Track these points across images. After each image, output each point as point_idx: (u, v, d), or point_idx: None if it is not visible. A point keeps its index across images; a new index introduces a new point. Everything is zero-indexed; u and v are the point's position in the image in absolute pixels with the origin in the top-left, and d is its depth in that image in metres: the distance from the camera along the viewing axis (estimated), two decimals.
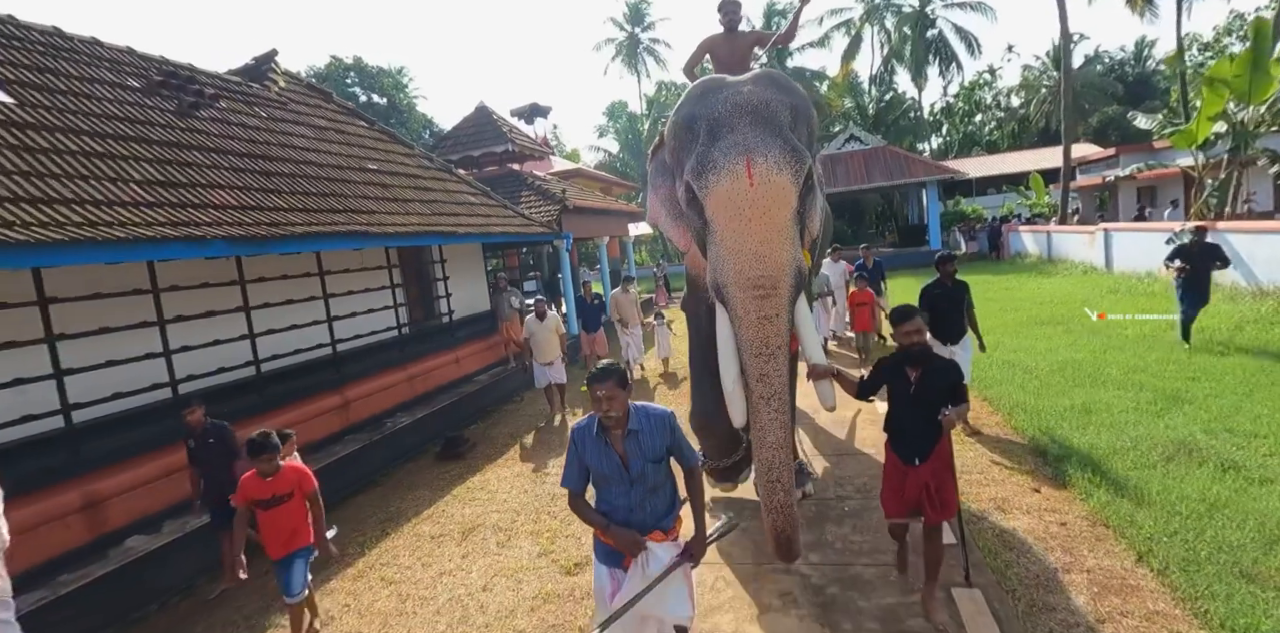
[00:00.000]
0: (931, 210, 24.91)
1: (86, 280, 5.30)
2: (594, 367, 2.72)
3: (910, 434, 3.54)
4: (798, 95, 4.13)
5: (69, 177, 5.02)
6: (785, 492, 3.37)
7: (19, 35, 6.48)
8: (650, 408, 2.80)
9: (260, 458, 3.71)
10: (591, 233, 15.98)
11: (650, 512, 2.77)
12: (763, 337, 3.57)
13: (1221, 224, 11.58)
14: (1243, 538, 3.74)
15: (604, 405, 2.66)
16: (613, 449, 2.73)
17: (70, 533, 4.69)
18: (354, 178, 8.79)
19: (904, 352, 3.52)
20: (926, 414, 3.40)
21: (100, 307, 5.38)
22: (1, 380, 4.72)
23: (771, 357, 3.57)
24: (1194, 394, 6.28)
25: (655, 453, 2.74)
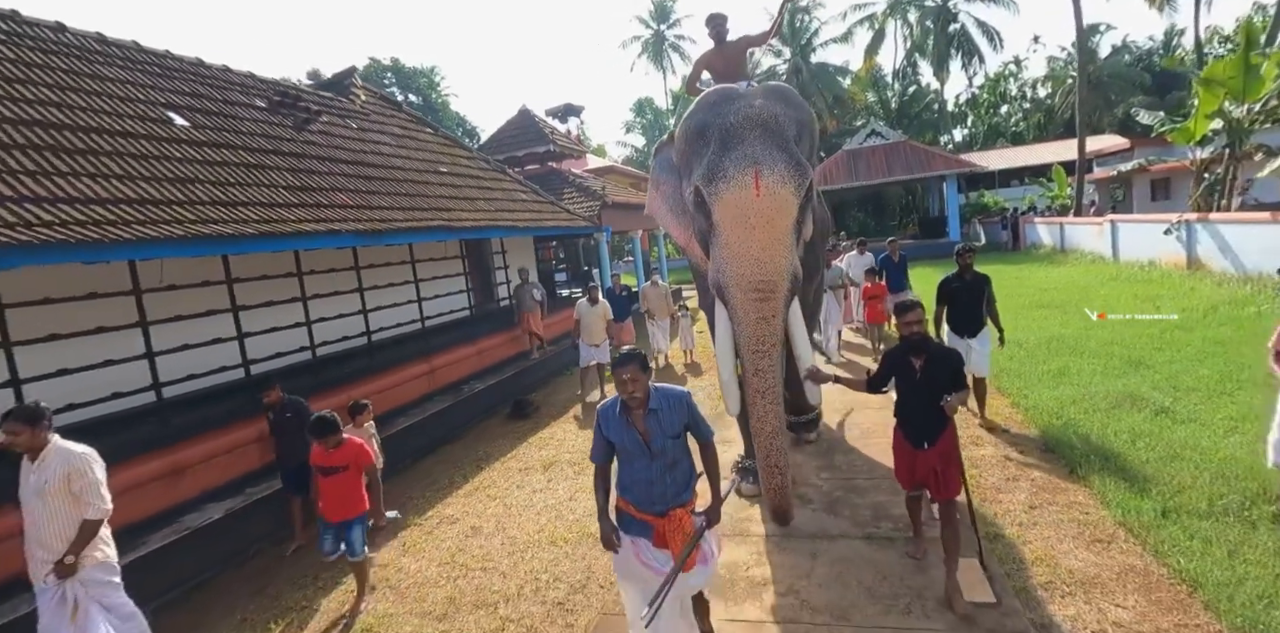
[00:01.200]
0: (951, 203, 25.80)
1: (200, 269, 6.73)
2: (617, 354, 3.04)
3: (919, 420, 3.73)
4: (804, 110, 4.47)
5: (230, 184, 6.40)
6: (782, 475, 3.82)
7: (173, 66, 7.91)
8: (669, 389, 3.00)
9: (321, 438, 4.19)
10: (627, 226, 17.26)
11: (670, 484, 2.94)
12: (759, 335, 3.90)
13: (1214, 215, 12.53)
14: (1151, 456, 4.93)
15: (628, 387, 2.86)
16: (634, 428, 2.92)
17: (167, 492, 5.40)
18: (431, 179, 10.17)
19: (906, 342, 3.74)
20: (932, 401, 3.58)
21: (250, 288, 6.82)
22: (94, 363, 5.41)
23: (767, 354, 3.90)
24: (1154, 361, 7.40)
25: (674, 430, 2.93)
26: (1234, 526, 3.87)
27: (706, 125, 4.31)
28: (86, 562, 3.33)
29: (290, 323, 7.05)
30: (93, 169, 5.17)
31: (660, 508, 2.93)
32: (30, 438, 3.30)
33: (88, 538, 3.32)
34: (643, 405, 2.89)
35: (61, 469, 3.29)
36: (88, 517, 3.33)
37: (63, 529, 3.29)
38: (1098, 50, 47.62)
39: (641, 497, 2.95)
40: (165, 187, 5.57)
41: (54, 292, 5.16)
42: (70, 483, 3.30)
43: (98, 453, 3.47)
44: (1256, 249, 11.02)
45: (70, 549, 3.27)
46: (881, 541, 4.33)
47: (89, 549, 3.34)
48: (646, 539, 2.95)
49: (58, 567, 3.25)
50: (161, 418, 5.71)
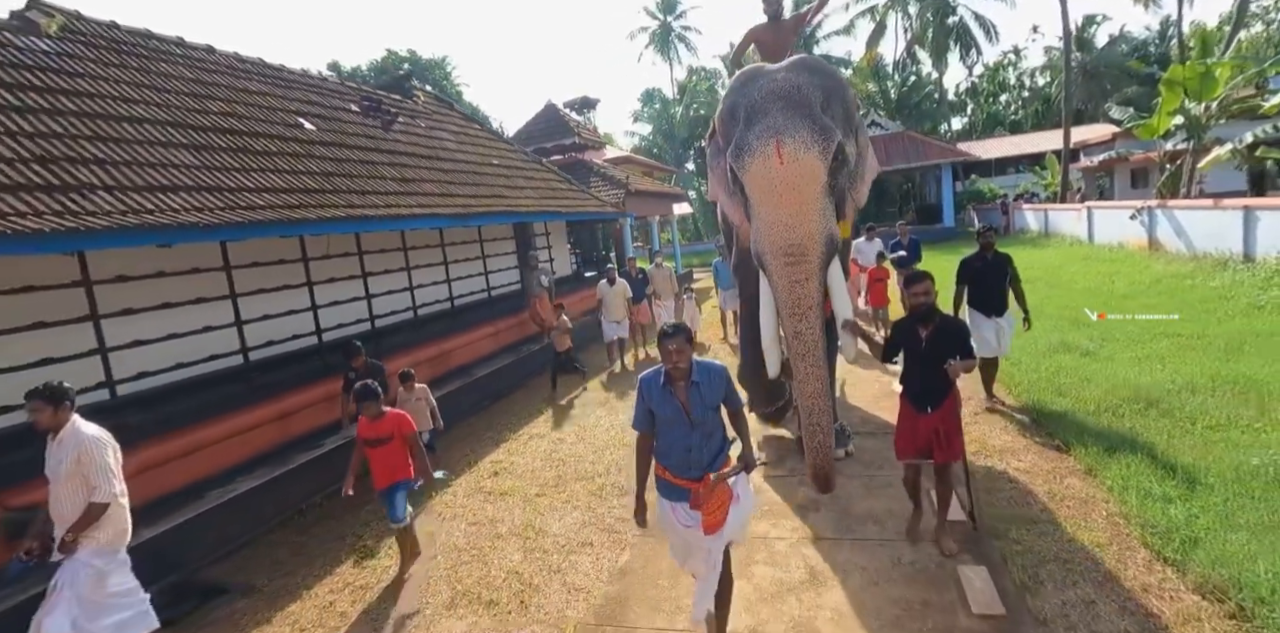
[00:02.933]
0: (946, 190, 27.37)
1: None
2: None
3: (923, 386, 3.92)
4: (831, 77, 4.54)
5: (354, 177, 8.05)
6: (825, 433, 3.86)
7: (290, 77, 9.52)
8: (710, 364, 3.12)
9: (364, 404, 4.41)
10: (647, 212, 18.91)
11: (706, 451, 3.06)
12: (794, 298, 4.01)
13: (1171, 202, 14.16)
14: (1068, 381, 6.61)
15: (673, 359, 2.98)
16: (676, 398, 3.04)
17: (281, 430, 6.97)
18: (486, 171, 11.82)
19: (914, 313, 3.93)
20: (937, 368, 3.77)
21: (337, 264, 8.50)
22: (194, 329, 6.30)
23: (804, 317, 3.98)
24: (1095, 322, 9.09)
25: (713, 402, 3.07)
26: (1107, 416, 5.59)
27: (736, 105, 4.51)
28: (87, 543, 3.35)
29: (396, 287, 8.76)
30: (253, 165, 6.77)
31: (697, 473, 3.06)
32: (51, 417, 3.37)
33: (90, 520, 3.33)
34: (685, 377, 3.02)
35: (74, 451, 3.35)
36: (93, 499, 3.34)
37: (75, 508, 3.35)
38: (1094, 40, 48.86)
39: (679, 463, 3.09)
40: (315, 179, 7.24)
41: (168, 267, 6.79)
42: (80, 465, 3.34)
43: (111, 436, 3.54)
44: (1202, 232, 12.67)
45: (71, 528, 3.31)
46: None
47: (91, 531, 3.35)
48: (684, 503, 3.09)
49: (60, 543, 3.33)
50: (250, 378, 6.79)
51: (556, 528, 5.07)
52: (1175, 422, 5.28)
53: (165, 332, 5.89)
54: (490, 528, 5.20)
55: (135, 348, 5.64)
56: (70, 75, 6.02)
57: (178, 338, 6.02)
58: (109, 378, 5.39)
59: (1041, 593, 3.46)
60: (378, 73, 42.57)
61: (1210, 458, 4.53)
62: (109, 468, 3.39)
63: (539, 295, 10.85)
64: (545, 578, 4.34)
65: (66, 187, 4.78)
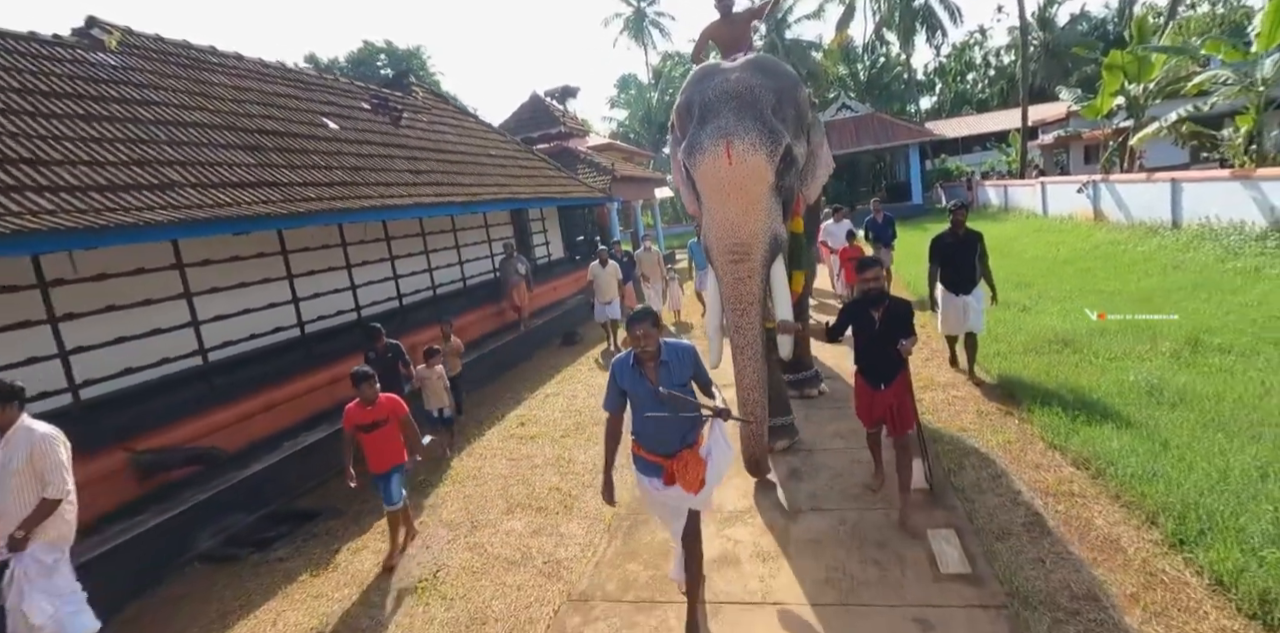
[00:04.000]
0: (913, 169, 28.63)
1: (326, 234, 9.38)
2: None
3: (877, 365, 4.13)
4: (784, 78, 4.62)
5: (376, 170, 8.98)
6: (758, 422, 4.19)
7: (310, 80, 10.36)
8: (678, 343, 3.22)
9: (360, 386, 4.49)
10: (631, 196, 19.89)
11: (677, 429, 3.17)
12: (737, 294, 4.22)
13: (1112, 177, 15.47)
14: (1003, 330, 7.79)
15: (642, 342, 3.07)
16: (646, 379, 3.12)
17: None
18: (485, 160, 12.75)
19: (865, 296, 4.12)
20: (889, 348, 3.97)
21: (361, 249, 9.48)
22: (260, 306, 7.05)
23: (745, 312, 4.20)
24: (1036, 282, 10.32)
25: (682, 380, 3.17)
26: (1030, 355, 6.79)
27: (690, 102, 4.64)
28: (38, 538, 3.37)
29: (418, 269, 9.74)
30: (297, 163, 7.70)
31: (668, 450, 3.18)
32: (1, 415, 3.37)
33: (42, 516, 3.36)
34: (655, 358, 3.12)
35: (25, 449, 3.36)
36: (47, 496, 3.37)
37: (24, 506, 3.35)
38: (1055, 20, 50.15)
39: (652, 441, 3.20)
40: (347, 173, 8.18)
41: (242, 251, 7.77)
42: (34, 463, 3.36)
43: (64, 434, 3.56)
44: (1137, 203, 14.00)
45: (22, 525, 3.32)
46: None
47: (41, 528, 3.37)
48: (657, 478, 3.20)
49: (9, 540, 3.32)
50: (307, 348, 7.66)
51: (583, 458, 6.17)
52: (1083, 356, 6.50)
53: (239, 307, 6.86)
54: (527, 462, 6.29)
55: (219, 321, 6.61)
56: (138, 87, 6.90)
57: (250, 313, 6.99)
58: (200, 346, 6.36)
59: (962, 474, 4.62)
60: (355, 64, 42.81)
61: (1102, 379, 5.73)
62: (63, 464, 3.43)
63: (516, 284, 10.92)
64: (581, 491, 5.43)
65: (163, 185, 5.71)
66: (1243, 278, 8.53)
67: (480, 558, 4.53)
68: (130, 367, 5.70)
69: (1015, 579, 3.38)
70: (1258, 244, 9.73)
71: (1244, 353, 5.84)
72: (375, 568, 4.61)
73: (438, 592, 4.17)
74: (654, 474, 3.22)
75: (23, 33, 6.50)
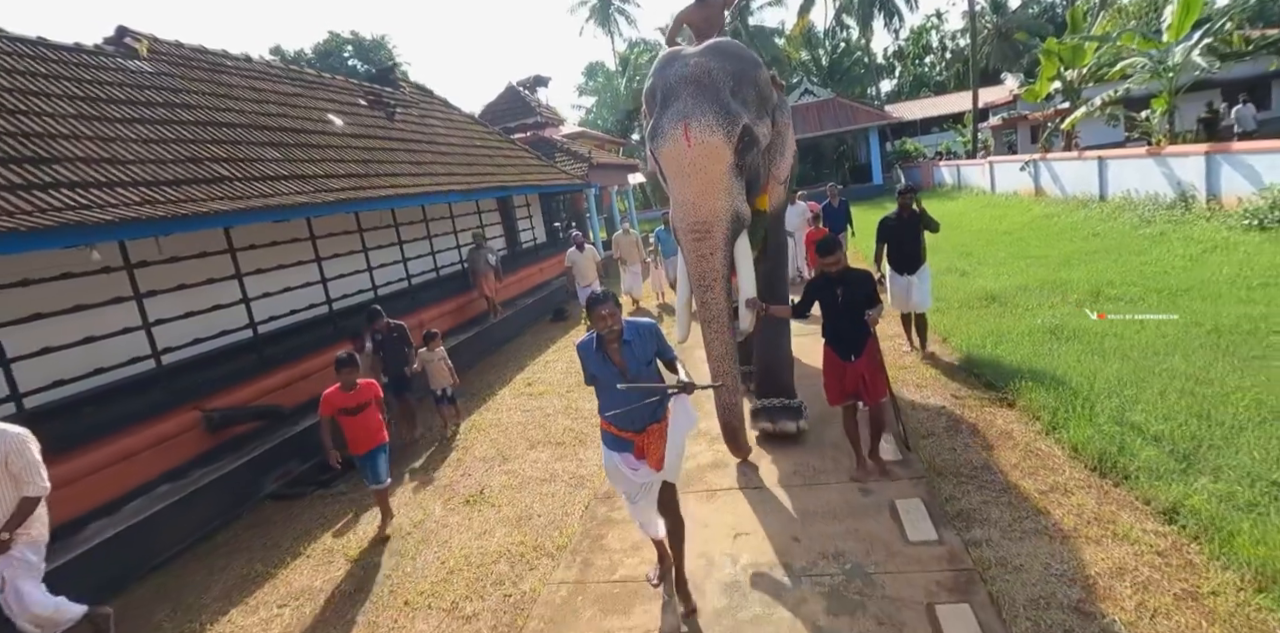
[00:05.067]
0: (873, 151, 29.95)
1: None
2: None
3: (846, 337, 4.30)
4: (743, 61, 4.69)
5: (383, 162, 9.82)
6: (730, 393, 4.36)
7: (310, 79, 11.10)
8: (638, 322, 3.28)
9: (341, 372, 4.72)
10: (606, 182, 20.82)
11: (645, 406, 3.22)
12: (700, 271, 4.38)
13: (1050, 155, 16.84)
14: (944, 294, 8.99)
15: (606, 322, 3.14)
16: (611, 360, 3.21)
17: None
18: (473, 151, 13.60)
19: (826, 276, 4.31)
20: (855, 319, 4.15)
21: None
22: (297, 284, 9.67)
23: (709, 288, 4.34)
24: (977, 252, 11.56)
25: (646, 357, 3.25)
26: (963, 309, 7.98)
27: (654, 88, 4.76)
28: (20, 539, 3.40)
29: (424, 252, 10.64)
30: (316, 157, 8.56)
31: (638, 426, 3.26)
32: None
33: (23, 516, 3.39)
34: (618, 339, 3.18)
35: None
36: (26, 494, 3.39)
37: (3, 511, 3.36)
38: (1007, 3, 51.78)
39: (622, 419, 3.25)
40: (359, 166, 9.04)
41: (279, 236, 8.63)
42: (9, 464, 3.36)
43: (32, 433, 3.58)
44: (1070, 180, 15.38)
45: (4, 526, 3.33)
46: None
47: (24, 528, 3.41)
48: (628, 453, 3.31)
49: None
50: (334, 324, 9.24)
51: (590, 407, 7.16)
52: (1006, 308, 7.71)
53: (281, 286, 7.78)
54: (540, 412, 7.31)
55: (265, 299, 7.51)
56: (174, 91, 7.68)
57: (289, 291, 7.91)
58: (251, 320, 7.24)
59: (901, 398, 5.76)
60: (322, 56, 42.69)
61: (1017, 324, 6.94)
62: (38, 462, 3.45)
63: (485, 273, 10.90)
64: (592, 430, 6.43)
65: (216, 179, 6.56)
66: (1149, 242, 9.85)
67: (515, 479, 5.57)
68: (198, 337, 6.59)
69: (934, 461, 4.52)
70: (1167, 213, 11.08)
71: (1132, 300, 7.08)
72: (426, 491, 5.63)
73: (487, 502, 5.20)
74: (624, 449, 3.32)
75: (71, 44, 7.25)
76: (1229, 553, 3.04)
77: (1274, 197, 9.00)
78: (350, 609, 4.00)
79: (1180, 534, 3.32)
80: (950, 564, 3.39)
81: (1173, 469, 3.70)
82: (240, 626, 4.03)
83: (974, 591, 3.15)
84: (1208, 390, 4.56)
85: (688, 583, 3.47)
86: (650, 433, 3.28)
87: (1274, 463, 3.59)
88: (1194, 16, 11.82)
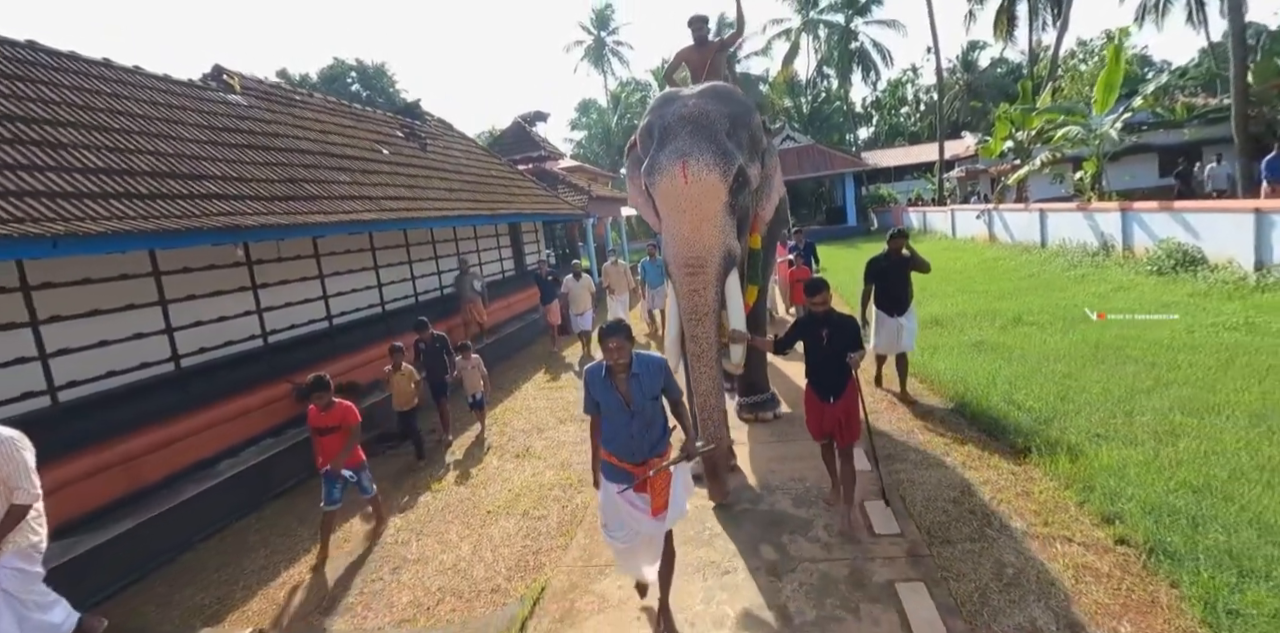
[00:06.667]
0: (849, 195, 32.24)
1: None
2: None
3: (826, 378, 4.34)
4: (739, 105, 4.90)
5: (426, 188, 11.37)
6: (716, 425, 4.51)
7: (357, 112, 12.67)
8: (649, 356, 3.38)
9: (313, 395, 4.88)
10: (603, 214, 22.54)
11: (647, 439, 3.33)
12: (692, 305, 4.47)
13: (1001, 206, 18.95)
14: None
15: (614, 355, 3.22)
16: (617, 390, 3.28)
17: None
18: (489, 180, 15.20)
19: (812, 316, 4.35)
20: (837, 361, 4.22)
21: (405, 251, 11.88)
22: (341, 291, 11.16)
23: (700, 322, 4.43)
24: (930, 287, 13.31)
25: (652, 392, 3.31)
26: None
27: (652, 125, 4.93)
28: (8, 547, 3.28)
29: (452, 268, 12.15)
30: (373, 181, 10.09)
31: (639, 458, 3.30)
32: None
33: (13, 523, 3.28)
34: (626, 370, 3.24)
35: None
36: (15, 501, 3.28)
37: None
38: (977, 63, 55.49)
39: (623, 449, 3.30)
40: (408, 189, 10.58)
41: (336, 247, 10.11)
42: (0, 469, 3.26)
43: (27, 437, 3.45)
44: (1018, 228, 17.44)
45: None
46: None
47: (13, 535, 3.29)
48: (629, 487, 3.32)
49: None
50: (386, 323, 10.72)
51: None
52: (945, 329, 9.38)
53: (349, 287, 9.24)
54: (562, 400, 8.76)
55: (340, 296, 8.95)
56: (265, 122, 9.20)
57: (356, 292, 9.34)
58: (328, 312, 8.65)
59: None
60: (327, 81, 44.42)
61: (951, 340, 8.60)
62: (30, 468, 3.32)
63: (473, 300, 11.04)
64: None
65: (312, 197, 8.05)
66: (1072, 282, 11.70)
67: (553, 442, 7.02)
68: (294, 323, 8.01)
69: (879, 434, 6.08)
70: (1091, 259, 13.02)
71: (1043, 325, 8.80)
72: (479, 452, 7.03)
73: (533, 456, 6.65)
74: (624, 481, 3.35)
75: (189, 81, 8.78)
76: (1053, 471, 4.67)
77: (1168, 249, 10.93)
78: (446, 515, 5.42)
79: (1027, 464, 4.93)
80: (875, 484, 4.88)
81: (1033, 428, 5.32)
82: (362, 530, 5.41)
83: (893, 498, 4.67)
84: (1073, 383, 6.22)
85: (672, 614, 3.54)
86: (649, 466, 3.32)
87: (1101, 424, 5.22)
88: (1114, 95, 13.99)
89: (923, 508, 4.47)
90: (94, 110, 6.44)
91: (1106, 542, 3.79)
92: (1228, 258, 9.89)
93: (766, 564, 4.04)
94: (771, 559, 4.08)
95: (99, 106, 6.57)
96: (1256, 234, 9.22)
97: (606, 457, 3.43)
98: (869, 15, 43.51)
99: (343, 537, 5.31)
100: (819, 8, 44.41)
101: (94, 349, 5.54)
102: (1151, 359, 6.67)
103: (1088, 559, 3.64)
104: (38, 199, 4.74)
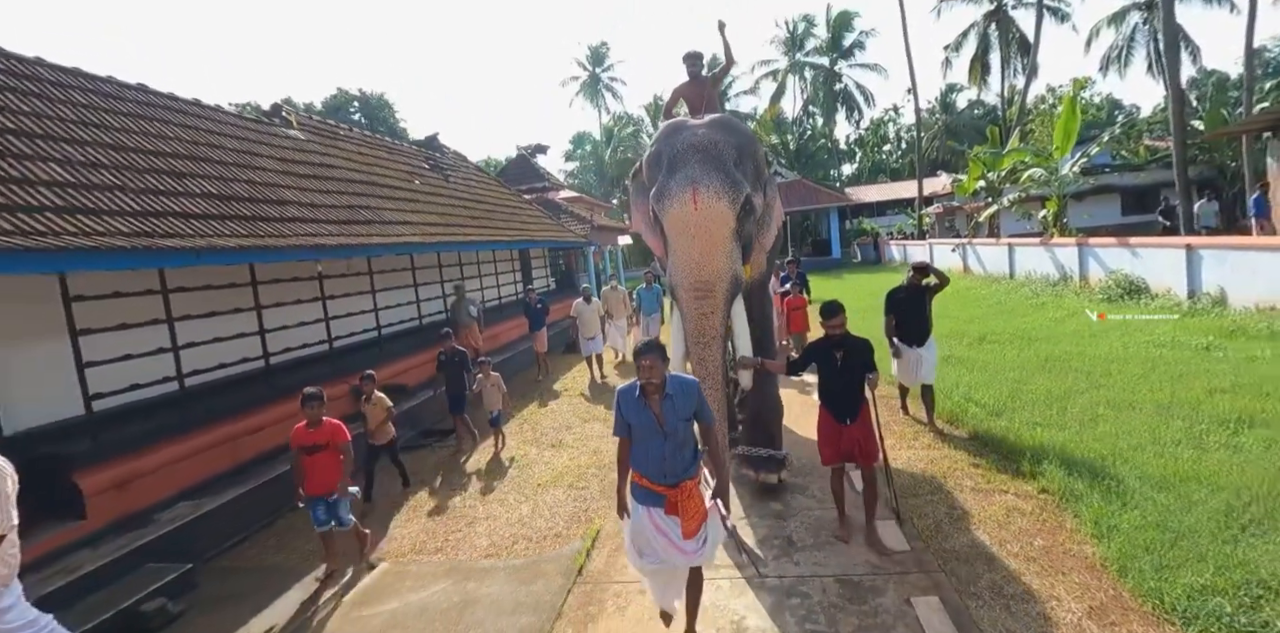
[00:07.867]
0: (833, 229, 33.87)
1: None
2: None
3: (842, 400, 4.41)
4: (744, 136, 5.10)
5: (454, 215, 12.56)
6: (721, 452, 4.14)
7: (392, 145, 13.89)
8: (683, 377, 3.42)
9: (305, 407, 4.76)
10: (603, 242, 23.83)
11: (679, 461, 3.32)
12: (700, 329, 4.56)
13: (974, 241, 20.45)
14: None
15: (647, 374, 3.24)
16: (650, 410, 3.28)
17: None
18: (502, 209, 16.44)
19: (829, 338, 4.42)
20: (852, 383, 4.29)
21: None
22: (391, 304, 12.29)
23: (707, 346, 4.53)
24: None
25: (686, 414, 3.32)
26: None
27: (660, 153, 5.04)
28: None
29: (482, 285, 13.27)
30: (410, 208, 11.27)
31: (671, 480, 3.32)
32: None
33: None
34: (659, 391, 3.28)
35: None
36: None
37: None
38: (955, 104, 58.15)
39: (654, 471, 3.34)
40: (440, 216, 11.77)
41: (398, 265, 11.24)
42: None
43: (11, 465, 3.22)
44: (989, 261, 18.91)
45: None
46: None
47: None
48: (659, 508, 3.34)
49: None
50: (424, 335, 11.76)
51: None
52: None
53: (394, 302, 10.32)
54: (583, 405, 9.83)
55: (388, 309, 10.03)
56: (320, 154, 10.39)
57: (400, 306, 10.42)
58: (377, 323, 9.72)
59: None
60: (331, 110, 45.89)
61: None
62: (8, 496, 3.12)
63: (468, 325, 10.84)
64: None
65: (367, 221, 9.20)
66: (1032, 308, 13.04)
67: (581, 437, 8.08)
68: (353, 331, 9.10)
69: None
70: (1052, 289, 14.41)
71: (1003, 342, 10.05)
72: (515, 445, 8.06)
73: (567, 446, 7.71)
74: (655, 504, 3.35)
75: (256, 118, 9.96)
76: (1002, 452, 5.84)
77: (1117, 279, 12.32)
78: (504, 488, 6.47)
79: (982, 448, 6.10)
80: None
81: (986, 418, 6.50)
82: (419, 502, 6.43)
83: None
84: (1023, 386, 7.44)
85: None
86: (683, 489, 3.32)
87: (1039, 415, 6.42)
88: (1073, 141, 15.58)
89: (898, 476, 5.59)
90: (198, 145, 7.61)
91: (1031, 492, 4.96)
92: (1166, 287, 11.27)
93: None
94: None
95: (201, 141, 7.74)
96: (1188, 266, 10.61)
97: (637, 479, 3.42)
98: (852, 59, 45.95)
99: (413, 504, 6.32)
100: (805, 51, 46.82)
101: (209, 344, 6.60)
102: (1089, 369, 7.91)
103: (1017, 504, 4.80)
104: (168, 219, 5.84)
